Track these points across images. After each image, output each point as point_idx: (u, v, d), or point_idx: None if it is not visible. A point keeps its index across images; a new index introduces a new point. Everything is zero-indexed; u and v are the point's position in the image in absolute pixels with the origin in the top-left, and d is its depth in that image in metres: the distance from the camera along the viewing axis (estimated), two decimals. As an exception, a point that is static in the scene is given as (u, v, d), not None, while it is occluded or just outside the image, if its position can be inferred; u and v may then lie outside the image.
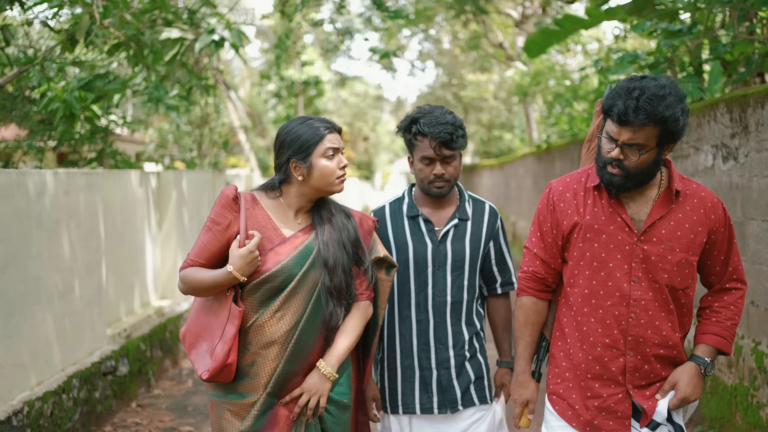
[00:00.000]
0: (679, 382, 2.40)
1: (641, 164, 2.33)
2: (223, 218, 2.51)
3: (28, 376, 4.35)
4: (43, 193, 4.58)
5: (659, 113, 2.24)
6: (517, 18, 18.14)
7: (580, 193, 2.50)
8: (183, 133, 20.13)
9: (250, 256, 2.41)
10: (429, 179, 2.82)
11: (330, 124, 2.59)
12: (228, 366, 2.45)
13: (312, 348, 2.54)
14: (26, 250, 4.36)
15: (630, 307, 2.40)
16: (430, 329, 2.86)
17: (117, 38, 6.69)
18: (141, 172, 7.02)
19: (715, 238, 2.45)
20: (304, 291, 2.51)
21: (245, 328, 2.48)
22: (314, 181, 2.53)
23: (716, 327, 2.47)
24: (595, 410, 2.44)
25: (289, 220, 2.58)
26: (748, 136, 4.28)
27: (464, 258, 2.86)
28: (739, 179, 4.42)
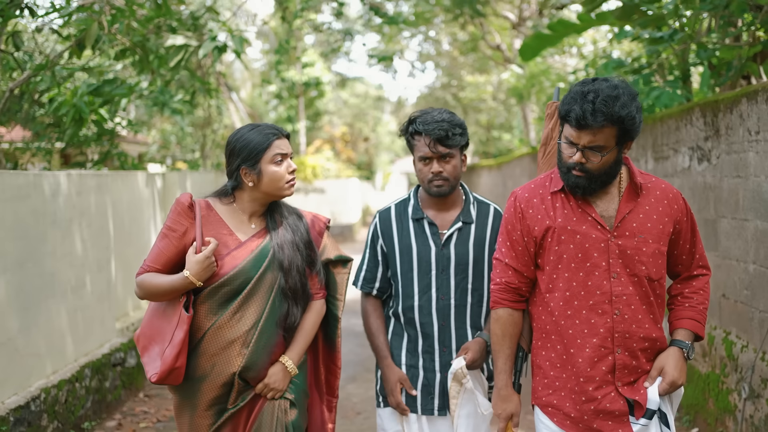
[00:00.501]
0: (665, 366, 2.41)
1: (603, 165, 2.36)
2: (179, 225, 2.57)
3: (44, 365, 4.63)
4: (57, 193, 4.87)
5: (616, 113, 2.27)
6: (514, 20, 18.39)
7: (547, 197, 2.51)
8: (185, 134, 20.43)
9: (206, 262, 2.49)
10: (428, 178, 2.82)
11: (277, 131, 2.63)
12: (176, 369, 2.52)
13: (272, 347, 2.62)
14: (42, 247, 4.64)
15: (613, 303, 2.41)
16: (434, 332, 2.86)
17: (123, 44, 6.98)
18: (147, 173, 7.30)
19: (680, 227, 2.49)
20: (261, 292, 2.58)
21: (205, 331, 2.55)
22: (264, 186, 2.60)
23: (691, 311, 2.51)
24: (593, 414, 2.43)
25: (244, 224, 2.65)
26: (719, 139, 4.55)
27: (467, 262, 2.85)
28: (712, 179, 4.70)
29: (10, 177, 4.33)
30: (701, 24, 6.68)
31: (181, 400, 2.63)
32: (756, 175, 4.05)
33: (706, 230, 4.76)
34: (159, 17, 7.11)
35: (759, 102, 4.00)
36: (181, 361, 2.52)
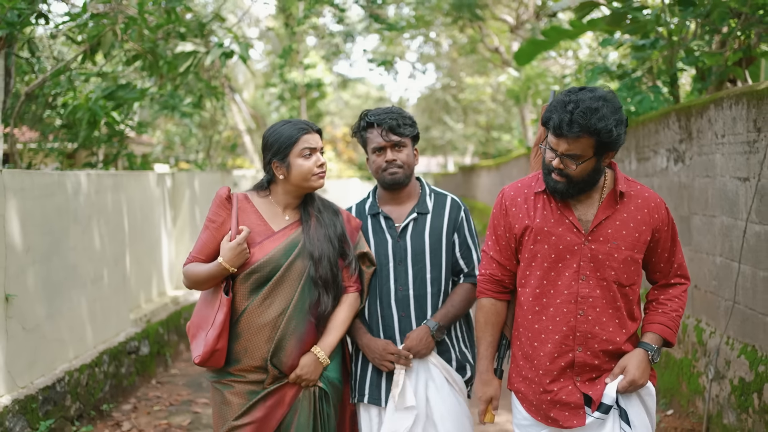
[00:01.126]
0: (628, 365, 2.48)
1: (582, 172, 2.41)
2: (218, 216, 2.71)
3: (67, 351, 5.00)
4: (78, 192, 5.24)
5: (592, 125, 2.31)
6: (512, 23, 18.76)
7: (530, 197, 2.58)
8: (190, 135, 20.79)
9: (238, 248, 2.60)
10: (382, 167, 2.88)
11: (307, 126, 2.74)
12: (217, 351, 2.64)
13: (302, 334, 2.71)
14: (65, 241, 5.02)
15: (578, 304, 2.48)
16: (394, 323, 2.90)
17: (134, 50, 7.35)
18: (158, 173, 7.67)
19: (659, 236, 2.54)
20: (290, 280, 2.68)
21: (237, 315, 2.67)
22: (294, 179, 2.71)
23: (662, 317, 2.56)
24: (549, 404, 2.53)
25: (278, 216, 2.77)
26: (692, 142, 4.92)
27: (424, 251, 2.91)
28: (686, 179, 5.07)
29: (38, 176, 4.71)
30: (687, 30, 7.02)
31: (214, 384, 2.74)
32: (722, 175, 4.42)
33: (681, 227, 5.12)
34: (168, 24, 7.48)
35: (724, 108, 4.36)
36: (222, 343, 2.63)
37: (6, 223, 4.24)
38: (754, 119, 3.96)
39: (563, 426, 2.50)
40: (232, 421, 2.67)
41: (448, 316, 2.88)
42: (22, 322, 4.40)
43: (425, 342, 2.83)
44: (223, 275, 2.63)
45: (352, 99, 37.12)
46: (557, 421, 2.50)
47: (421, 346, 2.83)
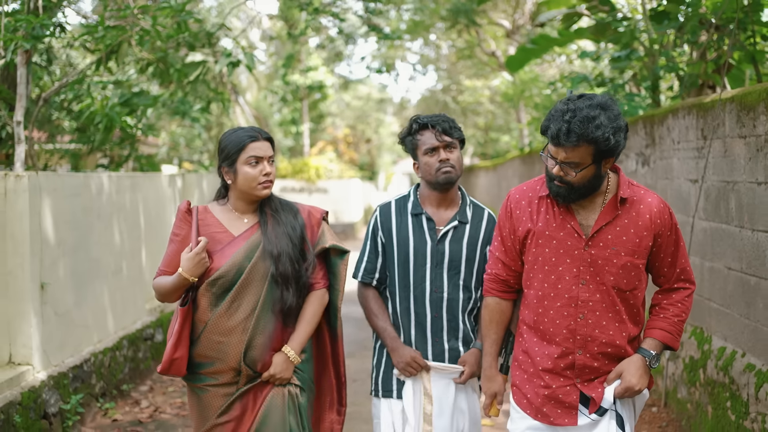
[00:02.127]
0: (624, 371, 2.50)
1: (582, 179, 2.44)
2: (180, 230, 2.77)
3: (92, 335, 5.55)
4: (101, 192, 5.78)
5: (589, 134, 2.33)
6: (508, 28, 19.28)
7: (534, 201, 2.62)
8: (194, 136, 21.34)
9: (196, 258, 2.65)
10: (436, 167, 2.94)
11: (256, 133, 2.76)
12: (176, 360, 2.70)
13: (270, 332, 2.76)
14: (90, 237, 5.56)
15: (578, 308, 2.51)
16: (427, 322, 2.97)
17: (147, 59, 7.89)
18: (170, 174, 8.22)
19: (662, 241, 2.54)
20: (255, 282, 2.72)
21: (206, 321, 2.71)
22: (240, 185, 2.76)
23: (663, 323, 2.57)
24: (544, 399, 2.57)
25: (237, 221, 2.81)
26: (655, 147, 5.45)
27: (461, 259, 2.97)
28: (651, 181, 5.60)
29: (67, 178, 5.25)
30: (668, 39, 7.53)
31: (191, 387, 2.82)
32: (678, 177, 4.95)
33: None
34: (179, 34, 8.03)
35: (680, 117, 4.89)
36: (180, 352, 2.69)
37: (41, 220, 4.78)
38: (701, 128, 4.49)
39: (554, 423, 2.55)
40: (214, 418, 2.74)
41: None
42: (55, 307, 4.94)
43: (479, 363, 2.94)
44: (185, 285, 2.68)
45: (353, 101, 37.58)
46: (548, 417, 2.55)
47: (478, 368, 2.95)
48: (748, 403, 3.78)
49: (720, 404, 4.10)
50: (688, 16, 6.60)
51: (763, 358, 3.74)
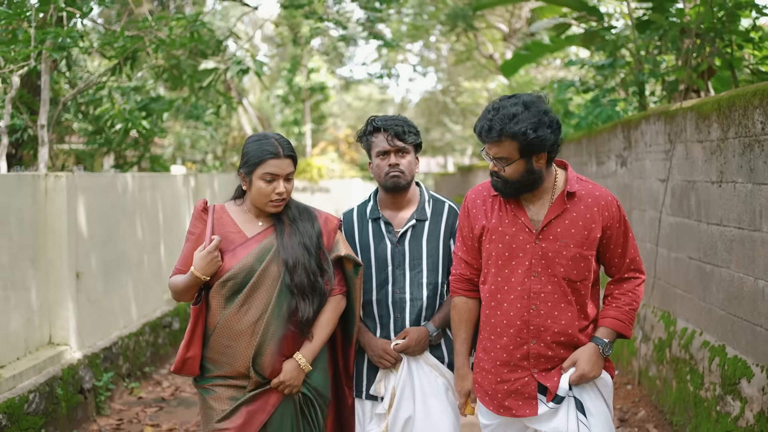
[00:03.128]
0: (578, 360, 2.59)
1: (513, 173, 2.54)
2: (196, 228, 2.76)
3: (118, 320, 6.08)
4: (126, 190, 6.32)
5: (507, 130, 2.44)
6: (505, 31, 19.79)
7: (489, 199, 2.72)
8: (199, 137, 21.86)
9: (209, 257, 2.62)
10: (385, 171, 2.95)
11: (278, 150, 2.71)
12: (189, 359, 2.69)
13: (280, 339, 2.72)
14: (117, 231, 6.10)
15: (531, 299, 2.59)
16: (390, 324, 3.00)
17: (161, 65, 8.43)
18: (184, 174, 8.75)
19: (611, 233, 2.63)
20: (266, 285, 2.69)
21: (216, 323, 2.70)
22: (252, 196, 2.76)
23: (615, 311, 2.66)
24: (505, 393, 2.65)
25: (251, 223, 2.79)
26: (631, 150, 5.98)
27: (422, 256, 2.99)
28: (628, 180, 6.13)
29: (98, 178, 5.79)
30: (653, 45, 8.03)
31: (199, 389, 2.80)
32: (649, 177, 5.49)
33: (625, 219, 6.20)
34: (192, 42, 8.57)
35: (651, 123, 5.43)
36: (192, 351, 2.69)
37: (77, 216, 5.32)
38: (668, 133, 5.03)
39: (516, 415, 2.63)
40: (214, 423, 2.71)
41: (446, 319, 2.99)
42: (87, 294, 5.48)
43: (422, 344, 2.95)
44: (198, 284, 2.66)
45: (354, 101, 38.07)
46: (510, 410, 2.64)
47: (418, 346, 2.95)
48: (703, 375, 4.31)
49: (682, 378, 4.64)
50: (670, 26, 7.08)
51: (716, 335, 4.27)
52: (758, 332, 3.72)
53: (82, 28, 8.70)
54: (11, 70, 6.73)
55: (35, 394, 4.50)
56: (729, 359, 4.02)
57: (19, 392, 4.37)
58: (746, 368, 3.82)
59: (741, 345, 3.94)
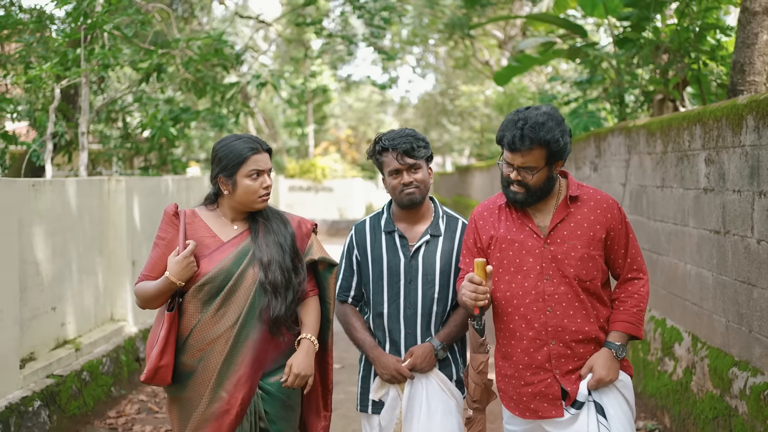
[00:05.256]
0: (594, 365, 2.64)
1: (538, 181, 2.63)
2: (166, 233, 2.70)
3: (162, 303, 7.10)
4: (167, 191, 7.34)
5: (541, 137, 2.54)
6: (501, 38, 20.80)
7: (495, 211, 2.80)
8: (207, 138, 22.84)
9: (184, 262, 2.56)
10: (399, 189, 2.93)
11: (257, 145, 2.70)
12: (161, 367, 2.60)
13: (254, 341, 2.67)
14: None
15: (546, 301, 2.65)
16: (401, 339, 2.99)
17: (187, 78, 9.44)
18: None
19: (614, 234, 2.71)
20: (243, 289, 2.65)
21: (192, 328, 2.63)
22: (238, 197, 2.69)
23: (624, 315, 2.71)
24: (530, 396, 2.69)
25: (227, 227, 2.74)
26: (601, 157, 7.00)
27: (434, 272, 2.97)
28: (598, 184, 7.15)
29: (146, 181, 6.81)
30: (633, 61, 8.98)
31: (171, 397, 2.73)
32: (614, 181, 6.51)
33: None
34: (214, 57, 9.58)
35: (615, 136, 6.45)
36: (166, 360, 2.61)
37: (133, 213, 6.33)
38: (627, 145, 6.05)
39: (542, 416, 2.68)
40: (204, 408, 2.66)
41: (451, 335, 3.00)
42: (140, 279, 6.50)
43: (429, 360, 2.95)
44: (172, 290, 2.60)
45: (355, 102, 38.97)
46: (537, 412, 2.68)
47: (424, 363, 2.94)
48: (650, 343, 5.34)
49: (636, 348, 5.65)
50: (646, 42, 8.03)
51: (659, 310, 5.30)
52: (687, 306, 4.74)
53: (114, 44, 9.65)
54: (62, 84, 7.74)
55: (107, 358, 5.52)
56: (667, 329, 5.04)
57: (96, 356, 5.39)
58: (678, 334, 4.84)
59: (676, 316, 4.97)
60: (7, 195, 4.36)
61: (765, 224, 3.61)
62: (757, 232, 3.70)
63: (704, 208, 4.40)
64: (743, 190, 3.85)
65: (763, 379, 3.64)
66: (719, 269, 4.20)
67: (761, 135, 3.64)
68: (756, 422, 3.60)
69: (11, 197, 4.41)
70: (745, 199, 3.84)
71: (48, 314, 5.04)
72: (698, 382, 4.40)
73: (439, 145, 37.39)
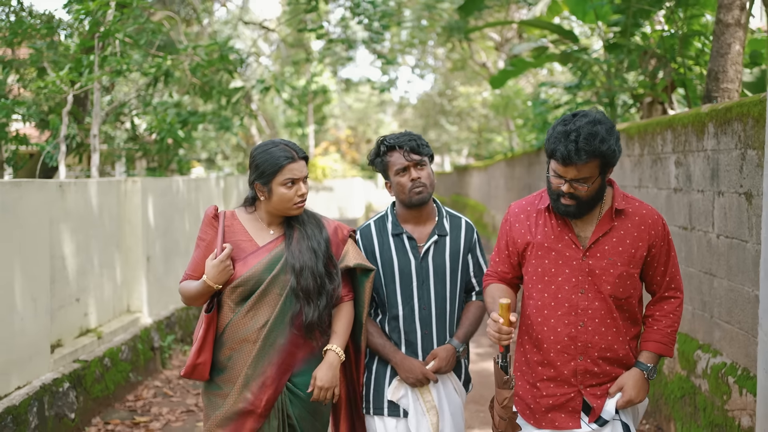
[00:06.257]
0: (625, 385, 2.58)
1: (591, 192, 2.50)
2: (206, 235, 2.76)
3: (174, 297, 7.53)
4: (178, 191, 7.77)
5: (598, 149, 2.41)
6: (498, 41, 21.21)
7: (533, 214, 2.69)
8: (209, 138, 23.25)
9: (221, 266, 2.61)
10: (408, 186, 2.93)
11: (293, 153, 2.73)
12: (199, 364, 2.69)
13: (282, 345, 2.73)
14: (172, 224, 7.54)
15: (578, 316, 2.56)
16: (417, 340, 2.99)
17: (194, 83, 9.87)
18: (216, 176, 10.21)
19: (655, 252, 2.61)
20: (273, 293, 2.70)
21: (224, 326, 2.71)
22: (273, 204, 2.73)
23: (657, 335, 2.64)
24: (549, 407, 2.62)
25: (263, 231, 2.79)
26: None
27: (445, 271, 2.99)
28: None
29: (160, 181, 7.24)
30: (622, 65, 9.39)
31: (205, 390, 2.82)
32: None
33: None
34: (220, 62, 10.00)
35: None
36: (203, 357, 2.69)
37: (147, 211, 6.76)
38: (610, 148, 6.47)
39: (558, 427, 2.62)
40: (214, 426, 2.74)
41: (468, 334, 3.04)
42: (154, 274, 6.92)
43: (452, 362, 2.98)
44: (209, 292, 2.67)
45: (355, 103, 39.38)
46: (553, 422, 2.61)
47: (449, 365, 2.97)
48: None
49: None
50: (634, 48, 8.42)
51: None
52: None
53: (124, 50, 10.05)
54: (75, 89, 8.16)
55: (125, 346, 5.95)
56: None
57: (115, 344, 5.82)
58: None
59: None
60: (40, 196, 4.78)
61: (723, 221, 4.04)
62: (717, 227, 4.12)
63: (674, 206, 4.83)
64: (706, 190, 4.28)
65: (721, 359, 4.07)
66: (687, 262, 4.63)
67: (720, 141, 4.06)
68: (715, 398, 4.03)
69: (43, 198, 4.83)
70: (707, 198, 4.27)
71: (72, 305, 5.47)
72: (669, 365, 4.82)
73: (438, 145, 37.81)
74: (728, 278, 3.99)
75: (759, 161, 3.59)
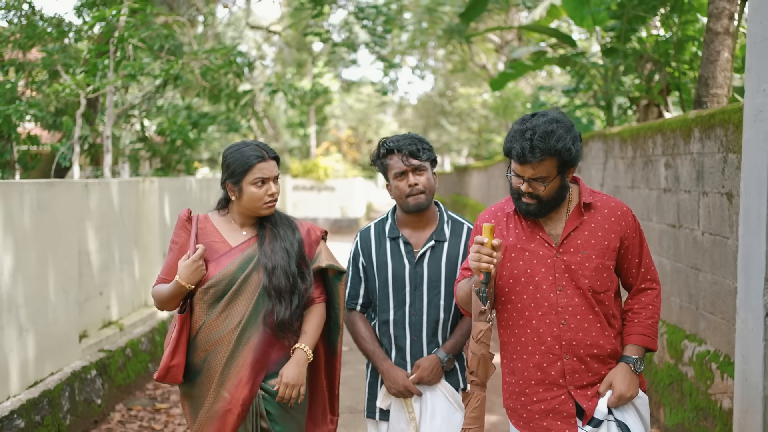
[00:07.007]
0: (614, 382, 2.54)
1: (550, 191, 2.49)
2: (179, 238, 2.79)
3: (187, 292, 7.85)
4: (191, 190, 8.09)
5: (552, 147, 2.39)
6: (498, 42, 21.54)
7: (503, 219, 2.67)
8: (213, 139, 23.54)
9: (193, 266, 2.63)
10: (406, 192, 2.90)
11: (263, 153, 2.73)
12: (173, 367, 2.71)
13: (256, 344, 2.74)
14: (185, 222, 7.86)
15: (559, 314, 2.52)
16: (406, 345, 2.97)
17: (204, 86, 10.19)
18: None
19: (628, 243, 2.59)
20: (247, 293, 2.72)
21: (197, 329, 2.72)
22: (244, 203, 2.74)
23: (639, 327, 2.61)
24: (542, 413, 2.56)
25: (236, 232, 2.80)
26: (585, 160, 7.75)
27: (440, 279, 2.94)
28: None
29: (174, 181, 7.56)
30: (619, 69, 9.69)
31: (183, 393, 2.84)
32: (594, 183, 7.26)
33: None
34: (228, 66, 10.32)
35: (595, 141, 7.20)
36: (177, 360, 2.71)
37: (163, 210, 7.08)
38: (605, 150, 6.80)
39: None
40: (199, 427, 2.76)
41: (457, 345, 2.98)
42: (169, 270, 7.24)
43: (435, 372, 2.93)
44: (182, 292, 2.68)
45: (355, 103, 39.64)
46: (549, 430, 2.56)
47: (431, 376, 2.93)
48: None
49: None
50: (630, 52, 8.73)
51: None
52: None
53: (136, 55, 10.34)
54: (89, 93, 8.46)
55: (145, 338, 6.27)
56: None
57: (136, 336, 6.15)
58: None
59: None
60: (69, 195, 5.10)
61: (707, 219, 4.37)
62: (702, 225, 4.45)
63: (664, 205, 5.15)
64: (692, 190, 4.60)
65: (706, 348, 4.39)
66: (675, 257, 4.95)
67: (704, 145, 4.39)
68: (700, 383, 4.35)
69: (71, 197, 5.15)
70: (693, 198, 4.59)
71: (96, 298, 5.79)
72: (659, 355, 5.15)
73: (438, 145, 38.12)
74: (712, 272, 4.31)
75: (739, 164, 3.91)
